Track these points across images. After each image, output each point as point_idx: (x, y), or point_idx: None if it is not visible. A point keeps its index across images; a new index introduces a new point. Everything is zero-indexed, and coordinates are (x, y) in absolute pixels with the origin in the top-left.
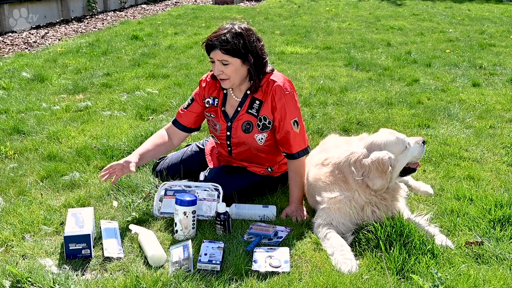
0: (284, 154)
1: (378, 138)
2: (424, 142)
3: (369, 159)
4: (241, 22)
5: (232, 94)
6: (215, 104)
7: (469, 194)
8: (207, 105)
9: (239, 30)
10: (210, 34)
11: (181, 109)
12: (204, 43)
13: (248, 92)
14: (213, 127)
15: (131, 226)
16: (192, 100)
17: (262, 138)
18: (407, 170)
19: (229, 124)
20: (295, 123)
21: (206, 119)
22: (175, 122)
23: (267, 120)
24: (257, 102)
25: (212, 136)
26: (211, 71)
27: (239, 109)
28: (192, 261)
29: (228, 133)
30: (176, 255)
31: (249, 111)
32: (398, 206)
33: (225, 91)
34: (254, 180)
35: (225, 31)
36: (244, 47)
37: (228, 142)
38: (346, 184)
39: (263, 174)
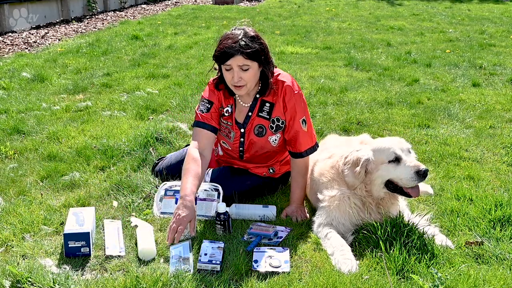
0: (291, 153)
1: (375, 141)
2: (419, 173)
3: (353, 153)
4: (247, 25)
5: (240, 101)
6: (231, 112)
7: (469, 194)
8: (226, 114)
9: (253, 33)
10: (223, 42)
11: (202, 115)
12: (219, 52)
13: (258, 96)
14: (227, 134)
15: (132, 219)
16: (211, 103)
17: (276, 139)
18: (398, 189)
19: (242, 130)
20: (303, 122)
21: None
22: (204, 125)
23: (280, 121)
24: (267, 104)
25: (223, 143)
26: (214, 79)
27: (250, 114)
28: (192, 260)
29: (242, 139)
30: (176, 255)
31: (260, 114)
32: (391, 213)
33: (234, 97)
34: (256, 182)
35: (241, 35)
36: (261, 49)
37: (241, 148)
38: (343, 180)
39: (264, 176)
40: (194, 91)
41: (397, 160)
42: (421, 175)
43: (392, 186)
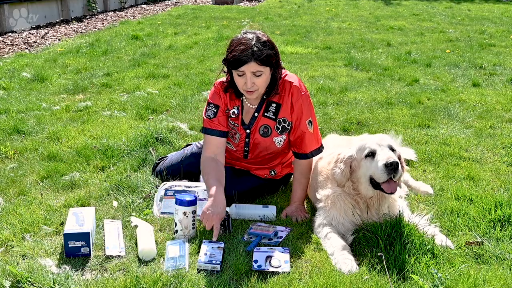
0: (296, 154)
1: (361, 139)
2: (387, 165)
3: (344, 151)
4: (256, 28)
5: (247, 103)
6: (238, 113)
7: (469, 194)
8: (233, 116)
9: (265, 38)
10: (235, 48)
11: (209, 121)
12: (232, 58)
13: (265, 97)
14: (233, 136)
15: (132, 219)
16: (217, 107)
17: (281, 141)
18: (379, 186)
19: (248, 131)
20: (310, 123)
21: None
22: (212, 132)
23: (287, 122)
24: (273, 105)
25: (228, 143)
26: (225, 82)
27: (256, 114)
28: (188, 259)
29: (247, 139)
30: (173, 252)
31: (266, 114)
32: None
33: (240, 99)
34: (256, 183)
35: (254, 41)
36: (273, 54)
37: (246, 148)
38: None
39: (266, 178)
40: (194, 91)
41: (372, 154)
42: (388, 166)
43: (375, 183)
